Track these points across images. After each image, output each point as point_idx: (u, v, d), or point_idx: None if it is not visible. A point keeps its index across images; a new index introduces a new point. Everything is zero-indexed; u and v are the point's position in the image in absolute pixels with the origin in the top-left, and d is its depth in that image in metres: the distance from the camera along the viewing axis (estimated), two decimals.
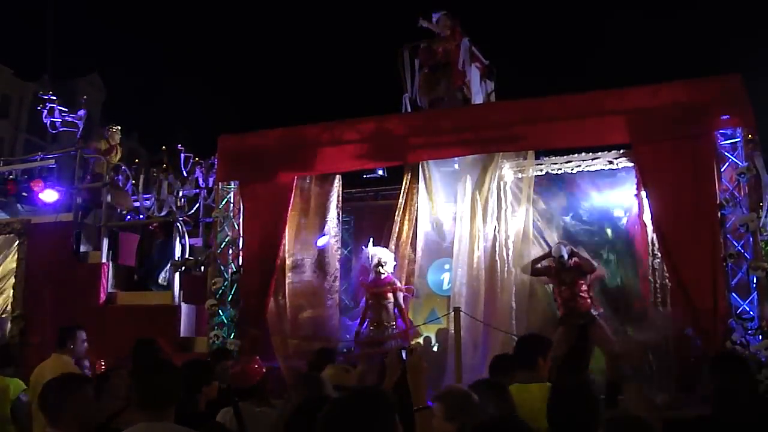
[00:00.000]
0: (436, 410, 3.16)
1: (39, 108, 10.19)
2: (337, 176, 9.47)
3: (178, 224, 9.10)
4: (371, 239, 8.96)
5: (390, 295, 8.39)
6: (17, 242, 9.62)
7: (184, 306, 8.76)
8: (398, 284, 8.52)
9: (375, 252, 8.60)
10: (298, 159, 7.76)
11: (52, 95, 10.20)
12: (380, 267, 8.44)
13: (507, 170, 8.59)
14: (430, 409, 2.98)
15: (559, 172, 8.80)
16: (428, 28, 9.07)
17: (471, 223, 8.48)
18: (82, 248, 9.63)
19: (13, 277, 9.53)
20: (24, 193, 9.79)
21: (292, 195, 8.03)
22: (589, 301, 7.72)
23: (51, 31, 31.34)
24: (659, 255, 7.63)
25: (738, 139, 6.28)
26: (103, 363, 6.86)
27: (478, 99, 8.83)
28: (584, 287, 7.75)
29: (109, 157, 10.63)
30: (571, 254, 7.85)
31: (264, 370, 4.76)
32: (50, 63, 32.90)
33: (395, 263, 8.75)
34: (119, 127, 11.13)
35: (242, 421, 4.11)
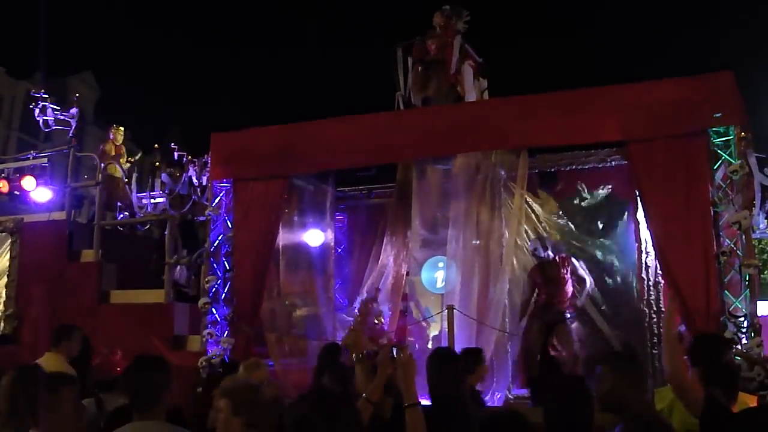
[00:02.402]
0: (222, 405, 3.17)
1: (31, 106, 10.16)
2: (331, 174, 9.48)
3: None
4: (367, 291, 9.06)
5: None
6: (10, 240, 9.59)
7: (177, 304, 8.75)
8: (390, 336, 8.59)
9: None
10: (291, 157, 7.73)
11: (44, 93, 10.17)
12: (375, 318, 8.53)
13: (500, 168, 8.60)
14: (420, 405, 3.00)
15: (553, 169, 8.83)
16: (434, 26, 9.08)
17: (464, 221, 8.49)
18: (75, 247, 9.60)
19: (5, 275, 9.50)
20: (16, 192, 9.76)
21: (286, 193, 8.02)
22: (568, 301, 7.87)
23: (43, 29, 31.20)
24: (651, 252, 7.67)
25: (731, 137, 6.30)
26: None
27: (471, 97, 8.83)
28: (568, 287, 7.85)
29: (119, 158, 10.68)
30: (562, 261, 8.07)
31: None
32: (43, 61, 32.79)
33: (389, 313, 8.92)
34: (122, 128, 11.12)
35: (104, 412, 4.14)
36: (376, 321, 8.60)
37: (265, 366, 3.94)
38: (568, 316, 7.91)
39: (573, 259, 8.22)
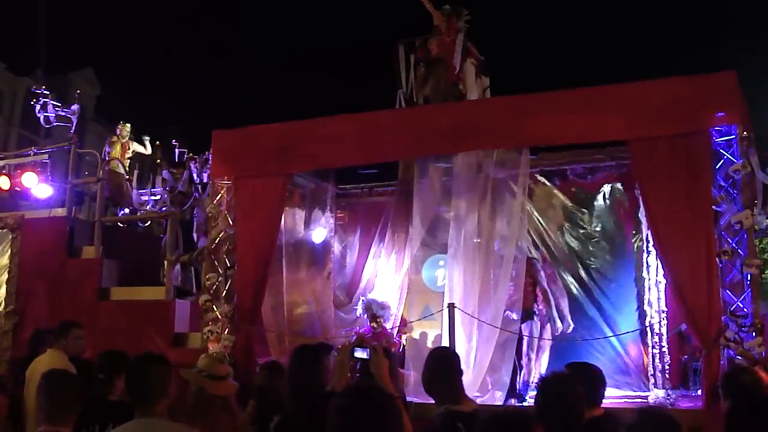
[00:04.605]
0: None
1: (32, 103, 10.15)
2: (332, 172, 9.47)
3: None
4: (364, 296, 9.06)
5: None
6: (10, 237, 9.58)
7: (178, 301, 8.74)
8: (393, 339, 8.55)
9: (371, 304, 8.65)
10: (292, 154, 7.73)
11: (45, 90, 10.16)
12: (375, 321, 8.49)
13: (502, 167, 8.59)
14: (399, 399, 3.05)
15: (554, 168, 8.82)
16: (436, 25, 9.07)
17: (466, 219, 8.47)
18: (76, 243, 9.59)
19: (6, 272, 9.49)
20: (17, 188, 9.75)
21: (287, 190, 8.01)
22: (532, 297, 7.99)
23: (44, 25, 31.24)
24: (653, 252, 7.66)
25: (733, 137, 6.28)
26: None
27: (473, 95, 8.82)
28: (529, 284, 8.03)
29: (123, 154, 10.70)
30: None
31: None
32: (43, 57, 32.80)
33: (392, 314, 8.88)
34: (128, 124, 11.12)
35: None
36: (374, 325, 8.58)
37: (224, 360, 4.02)
38: (535, 316, 8.00)
39: (536, 266, 8.26)
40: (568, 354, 8.13)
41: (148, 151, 11.22)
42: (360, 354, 3.21)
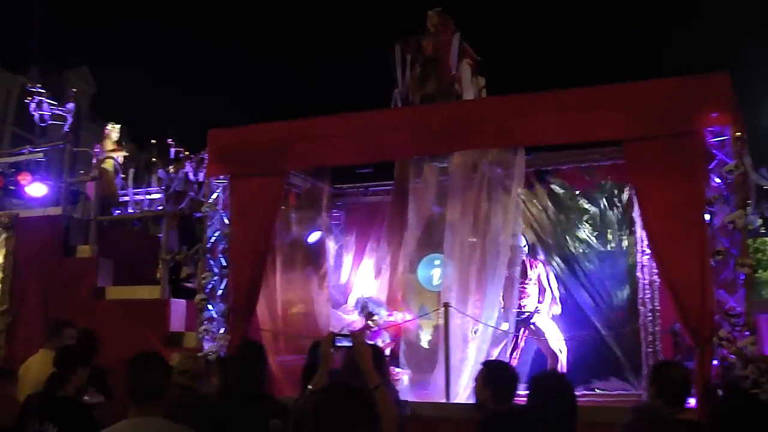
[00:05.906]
0: None
1: (27, 101, 10.14)
2: (328, 171, 9.48)
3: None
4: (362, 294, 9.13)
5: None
6: (4, 236, 9.56)
7: (173, 301, 8.74)
8: (387, 339, 8.57)
9: (367, 303, 8.67)
10: (288, 154, 7.73)
11: (40, 88, 10.15)
12: (371, 320, 8.51)
13: (497, 166, 8.61)
14: (384, 386, 3.07)
15: (549, 168, 8.85)
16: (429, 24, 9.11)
17: (461, 218, 8.49)
18: (71, 242, 9.58)
19: (0, 271, 9.47)
20: (11, 187, 9.74)
21: (282, 190, 8.01)
22: (527, 296, 8.34)
23: (39, 23, 31.15)
24: (647, 251, 7.69)
25: (726, 137, 6.32)
26: None
27: (469, 95, 8.83)
28: (524, 283, 8.37)
29: (117, 154, 10.68)
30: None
31: None
32: (38, 55, 32.70)
33: (388, 313, 8.85)
34: (117, 125, 11.12)
35: None
36: (370, 323, 8.60)
37: (199, 359, 4.08)
38: (524, 315, 8.33)
39: (541, 266, 8.61)
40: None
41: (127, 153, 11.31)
42: (342, 343, 3.19)
